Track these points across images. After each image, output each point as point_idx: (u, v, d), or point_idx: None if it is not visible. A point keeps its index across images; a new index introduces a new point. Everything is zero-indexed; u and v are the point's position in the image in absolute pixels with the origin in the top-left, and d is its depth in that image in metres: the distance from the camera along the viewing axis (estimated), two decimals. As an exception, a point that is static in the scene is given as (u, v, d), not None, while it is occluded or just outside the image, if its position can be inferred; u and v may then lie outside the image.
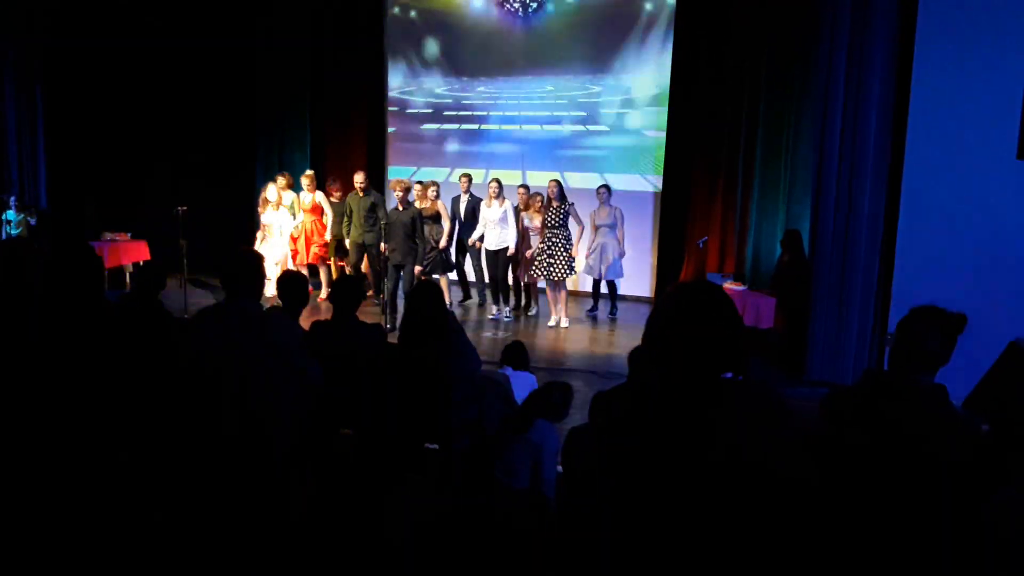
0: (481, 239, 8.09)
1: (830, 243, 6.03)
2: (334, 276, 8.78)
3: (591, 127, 9.84)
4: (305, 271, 8.33)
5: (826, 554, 2.07)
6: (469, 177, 8.53)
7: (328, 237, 8.77)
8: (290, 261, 8.56)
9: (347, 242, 8.45)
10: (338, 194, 8.80)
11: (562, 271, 7.73)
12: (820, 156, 6.07)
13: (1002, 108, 5.38)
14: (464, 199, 8.45)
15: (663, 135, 9.33)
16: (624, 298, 9.64)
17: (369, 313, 7.41)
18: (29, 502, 2.50)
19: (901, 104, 5.76)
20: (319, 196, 8.79)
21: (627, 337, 7.59)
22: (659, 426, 1.59)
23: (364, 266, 8.52)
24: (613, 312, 8.46)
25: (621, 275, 8.28)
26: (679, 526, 1.56)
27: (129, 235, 9.16)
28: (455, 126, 10.47)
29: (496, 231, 7.97)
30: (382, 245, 8.07)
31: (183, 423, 2.81)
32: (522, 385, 4.13)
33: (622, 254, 8.08)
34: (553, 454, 3.30)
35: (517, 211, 8.15)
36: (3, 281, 3.00)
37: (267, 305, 3.47)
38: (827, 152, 6.00)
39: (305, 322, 4.03)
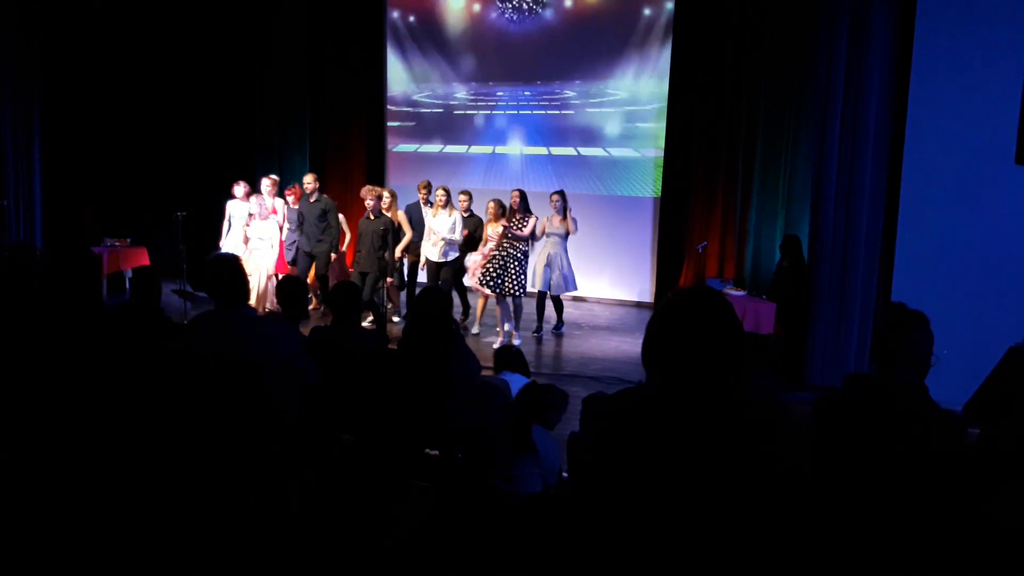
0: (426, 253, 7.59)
1: (830, 248, 6.04)
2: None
3: (589, 133, 9.85)
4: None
5: (825, 554, 2.08)
6: (429, 185, 7.97)
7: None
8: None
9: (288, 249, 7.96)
10: (292, 199, 8.26)
11: (512, 286, 7.19)
12: (819, 161, 6.08)
13: (1001, 112, 5.40)
14: (426, 210, 7.90)
15: (662, 140, 9.35)
16: (624, 303, 9.67)
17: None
18: (27, 505, 2.50)
19: (900, 109, 5.77)
20: (278, 202, 8.16)
21: (621, 343, 7.60)
22: (661, 432, 1.59)
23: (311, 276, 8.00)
24: (559, 328, 7.92)
25: (575, 289, 7.69)
26: (681, 531, 1.56)
27: (129, 240, 9.16)
28: (450, 134, 10.49)
29: (443, 242, 7.50)
30: (331, 254, 7.83)
31: (182, 427, 2.81)
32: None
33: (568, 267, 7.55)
34: (552, 460, 3.30)
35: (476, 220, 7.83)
36: (3, 285, 3.00)
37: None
38: (826, 157, 6.01)
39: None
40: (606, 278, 9.70)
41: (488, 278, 7.23)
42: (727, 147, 8.70)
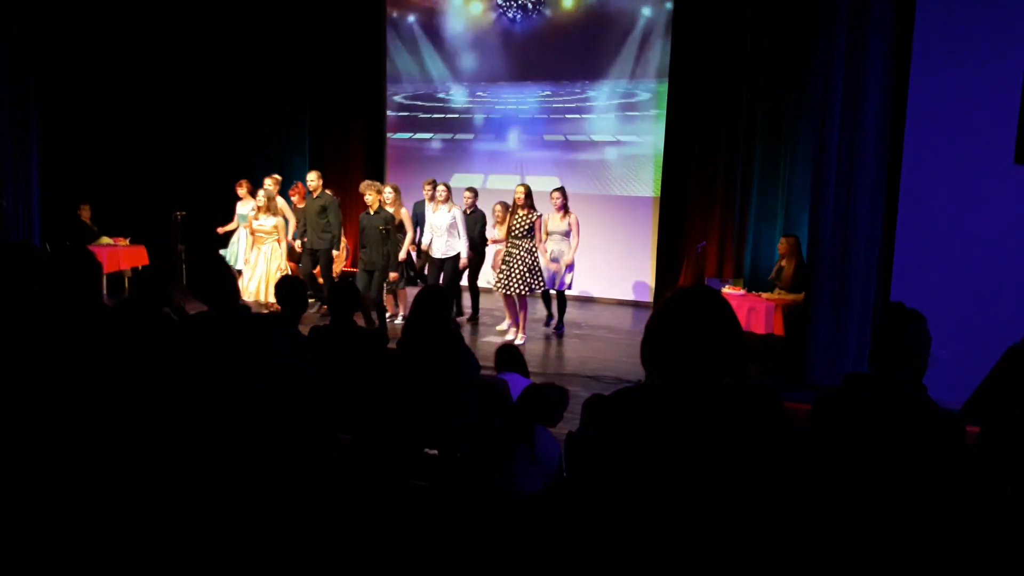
0: (428, 248, 7.62)
1: (829, 247, 6.04)
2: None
3: (589, 133, 9.85)
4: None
5: (823, 554, 2.08)
6: (434, 183, 7.86)
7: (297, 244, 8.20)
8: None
9: (296, 244, 8.04)
10: (296, 198, 8.36)
11: (518, 286, 7.14)
12: (818, 161, 6.08)
13: (1000, 112, 5.40)
14: (429, 206, 7.85)
15: (662, 140, 9.35)
16: (623, 303, 9.67)
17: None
18: (27, 505, 2.50)
19: (899, 109, 5.77)
20: (280, 201, 8.21)
21: (620, 342, 7.60)
22: (660, 431, 1.59)
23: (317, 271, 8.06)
24: (559, 328, 7.83)
25: (564, 287, 7.58)
26: (680, 528, 1.56)
27: (128, 240, 9.16)
28: (450, 134, 10.48)
29: (443, 238, 7.51)
30: (333, 252, 7.88)
31: (182, 426, 2.81)
32: (520, 390, 4.11)
33: (571, 264, 7.47)
34: (553, 459, 3.30)
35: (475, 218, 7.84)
36: (3, 284, 3.00)
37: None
38: (825, 157, 6.01)
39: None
40: (605, 277, 9.70)
41: (496, 279, 7.35)
42: (726, 147, 8.70)
